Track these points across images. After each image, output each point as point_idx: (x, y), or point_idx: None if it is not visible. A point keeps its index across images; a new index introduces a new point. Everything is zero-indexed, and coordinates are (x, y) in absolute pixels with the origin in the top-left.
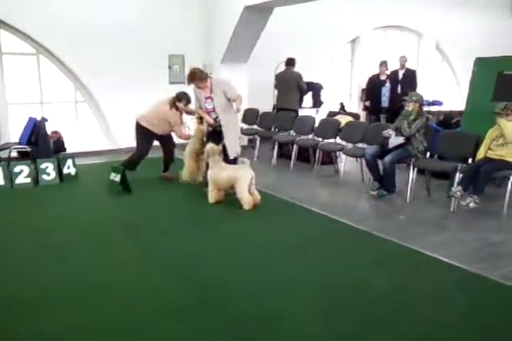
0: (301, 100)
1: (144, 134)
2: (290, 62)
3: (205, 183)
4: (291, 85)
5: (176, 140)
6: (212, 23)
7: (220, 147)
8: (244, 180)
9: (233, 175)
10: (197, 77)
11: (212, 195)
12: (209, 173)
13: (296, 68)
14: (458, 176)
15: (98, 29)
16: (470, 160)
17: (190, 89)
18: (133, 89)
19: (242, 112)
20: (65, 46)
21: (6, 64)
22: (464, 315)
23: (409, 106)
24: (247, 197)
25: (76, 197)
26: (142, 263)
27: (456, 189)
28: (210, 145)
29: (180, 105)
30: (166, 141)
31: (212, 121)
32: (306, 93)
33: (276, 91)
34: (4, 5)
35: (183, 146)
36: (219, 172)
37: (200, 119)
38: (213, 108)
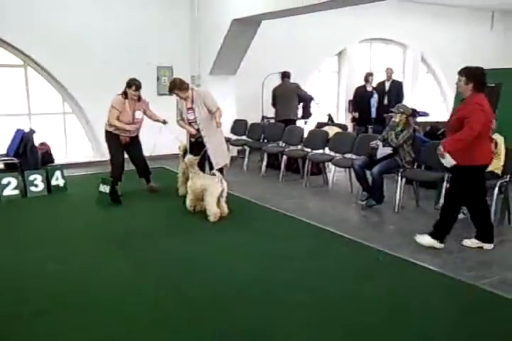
0: (307, 109)
1: (109, 139)
2: (286, 75)
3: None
4: (291, 96)
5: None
6: (201, 35)
7: (198, 158)
8: (212, 190)
9: (204, 184)
10: (176, 86)
11: (188, 202)
12: (188, 184)
13: None
14: (445, 186)
15: (86, 41)
16: None
17: (175, 102)
18: None
19: (228, 124)
20: (53, 58)
21: None
22: (454, 324)
23: (397, 118)
24: (214, 209)
25: (65, 209)
26: (132, 275)
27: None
28: (188, 157)
29: (130, 91)
30: (133, 150)
31: (194, 131)
32: (310, 99)
33: (270, 105)
34: None
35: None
36: (195, 182)
37: (184, 153)
38: (194, 118)
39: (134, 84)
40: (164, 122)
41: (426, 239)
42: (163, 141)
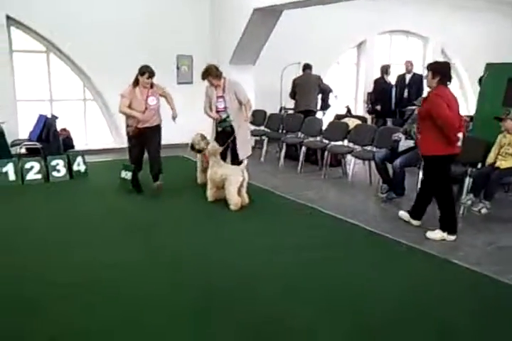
0: (325, 101)
1: (127, 133)
2: (307, 67)
3: None
4: (312, 88)
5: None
6: (221, 24)
7: (222, 148)
8: (233, 179)
9: (225, 174)
10: (212, 72)
11: (210, 193)
12: (208, 172)
13: None
14: (467, 180)
15: (107, 28)
16: (479, 165)
17: (197, 90)
18: None
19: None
20: (75, 44)
21: (16, 61)
22: (478, 317)
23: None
24: (235, 198)
25: (87, 194)
26: (151, 262)
27: (467, 197)
28: (212, 145)
29: (143, 79)
30: (149, 145)
31: (217, 116)
32: (329, 91)
33: (288, 96)
34: (15, 4)
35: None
36: (216, 171)
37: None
38: (224, 107)
39: (146, 71)
40: (174, 118)
41: (438, 234)
42: (179, 129)
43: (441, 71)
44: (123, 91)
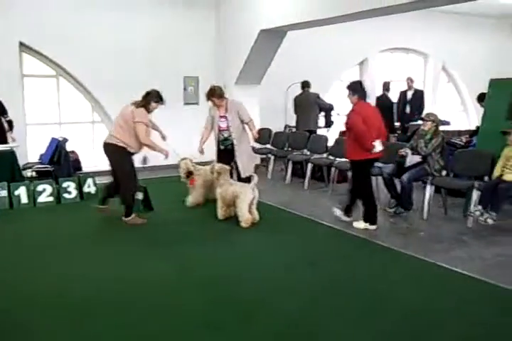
0: (327, 117)
1: (123, 155)
2: (306, 85)
3: None
4: (311, 106)
5: None
6: (227, 45)
7: (228, 167)
8: (244, 197)
9: (236, 191)
10: (216, 93)
11: (220, 212)
12: (218, 191)
13: None
14: (474, 193)
15: (115, 51)
16: (486, 178)
17: (203, 110)
18: None
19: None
20: (84, 68)
21: (26, 86)
22: (491, 327)
23: (426, 126)
24: (246, 215)
25: (99, 215)
26: (172, 278)
27: (476, 208)
28: (219, 165)
29: (155, 105)
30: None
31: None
32: (331, 108)
33: (293, 113)
34: (26, 29)
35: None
36: (227, 189)
37: (187, 176)
38: (227, 127)
39: (162, 99)
40: (164, 139)
41: (361, 224)
42: (186, 149)
43: (357, 90)
44: (141, 115)
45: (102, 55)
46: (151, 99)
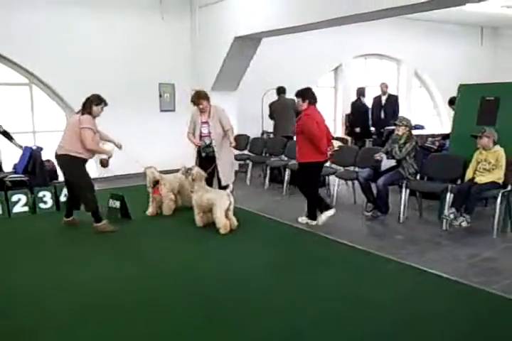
0: None
1: (76, 164)
2: (281, 91)
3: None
4: (288, 113)
5: None
6: (203, 52)
7: (205, 174)
8: (220, 204)
9: (211, 198)
10: (201, 97)
11: (198, 218)
12: (194, 197)
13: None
14: (448, 196)
15: (89, 60)
16: (459, 181)
17: (179, 117)
18: (124, 117)
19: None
20: (58, 76)
21: None
22: (469, 327)
23: (399, 131)
24: (223, 221)
25: (75, 225)
26: (152, 285)
27: (450, 211)
28: (197, 170)
29: (98, 108)
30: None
31: (198, 142)
32: None
33: (269, 119)
34: None
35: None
36: (202, 196)
37: (153, 186)
38: (208, 133)
39: (103, 100)
40: (119, 147)
41: (304, 220)
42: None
43: (306, 96)
44: (86, 121)
45: (76, 64)
46: (92, 103)
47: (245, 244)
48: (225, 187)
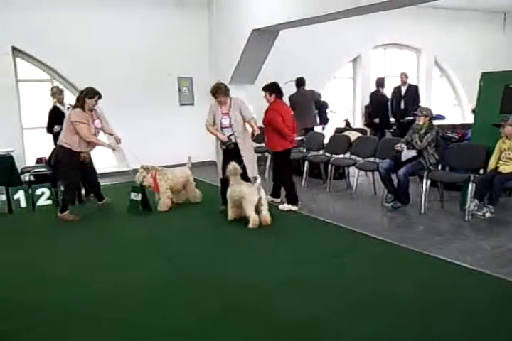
0: (322, 115)
1: (68, 157)
2: (301, 82)
3: (224, 202)
4: (308, 105)
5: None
6: (220, 45)
7: (241, 170)
8: (249, 198)
9: (242, 192)
10: (221, 90)
11: (230, 212)
12: (228, 191)
13: None
14: (471, 186)
15: (110, 55)
16: (481, 171)
17: (199, 111)
18: (144, 111)
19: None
20: (79, 72)
21: (22, 90)
22: (492, 318)
23: (420, 120)
24: (252, 216)
25: (100, 217)
26: (173, 279)
27: (472, 203)
28: (232, 165)
29: (92, 102)
30: (90, 166)
31: (225, 138)
32: (326, 107)
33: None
34: (20, 35)
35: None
36: (234, 189)
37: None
38: (229, 124)
39: (97, 93)
40: (118, 142)
41: (286, 207)
42: (182, 150)
43: (273, 90)
44: (77, 115)
45: (97, 59)
46: (85, 96)
47: (269, 239)
48: (251, 179)
